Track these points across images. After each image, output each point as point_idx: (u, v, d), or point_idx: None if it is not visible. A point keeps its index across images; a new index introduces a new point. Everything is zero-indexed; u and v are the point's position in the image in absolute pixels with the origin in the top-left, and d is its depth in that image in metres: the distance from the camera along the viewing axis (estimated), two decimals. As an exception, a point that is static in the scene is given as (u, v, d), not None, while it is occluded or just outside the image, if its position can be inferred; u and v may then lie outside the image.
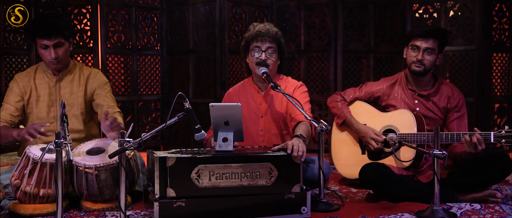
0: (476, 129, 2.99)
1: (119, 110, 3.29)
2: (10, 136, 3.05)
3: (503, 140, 2.91)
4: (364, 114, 3.47)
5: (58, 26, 3.15)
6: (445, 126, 3.35)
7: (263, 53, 3.15)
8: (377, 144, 3.28)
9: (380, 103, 3.50)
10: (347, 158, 3.51)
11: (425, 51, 3.24)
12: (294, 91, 3.22)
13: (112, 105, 3.27)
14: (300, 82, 3.30)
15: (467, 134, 2.99)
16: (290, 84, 3.27)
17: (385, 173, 3.12)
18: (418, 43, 3.26)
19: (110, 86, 3.42)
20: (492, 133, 2.95)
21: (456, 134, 3.05)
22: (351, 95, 3.56)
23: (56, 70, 3.28)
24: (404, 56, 3.38)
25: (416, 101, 3.36)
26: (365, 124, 3.40)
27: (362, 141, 3.43)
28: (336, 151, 3.60)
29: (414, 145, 3.10)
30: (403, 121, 3.26)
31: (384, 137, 3.27)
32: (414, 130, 3.19)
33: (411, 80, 3.39)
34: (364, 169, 3.15)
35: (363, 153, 3.43)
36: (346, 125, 3.50)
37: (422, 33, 3.26)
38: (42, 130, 2.83)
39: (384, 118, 3.37)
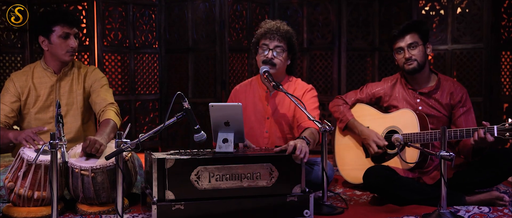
0: (484, 122, 2.98)
1: (112, 102, 3.28)
2: (6, 137, 3.05)
3: (507, 134, 2.90)
4: (366, 117, 3.48)
5: (78, 18, 3.17)
6: (452, 123, 3.34)
7: (270, 51, 3.15)
8: (377, 148, 3.29)
9: (382, 104, 3.51)
10: (351, 163, 3.52)
11: (409, 48, 3.28)
12: (303, 95, 3.21)
13: (105, 99, 3.28)
14: (310, 86, 3.28)
15: (477, 128, 2.98)
16: (299, 87, 3.26)
17: (390, 176, 3.12)
18: (399, 44, 3.31)
19: (107, 81, 3.42)
20: (495, 126, 2.94)
21: (459, 130, 3.05)
22: (352, 98, 3.57)
23: (65, 63, 3.27)
24: (395, 57, 3.39)
25: (418, 100, 3.36)
26: (368, 127, 3.40)
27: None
28: (340, 156, 3.60)
29: (418, 145, 3.09)
30: (405, 121, 3.27)
31: (386, 142, 3.28)
32: (417, 129, 3.20)
33: (409, 80, 3.41)
34: (368, 173, 3.15)
35: (367, 156, 3.43)
36: (349, 129, 3.50)
37: (398, 34, 3.32)
38: (41, 143, 2.86)
39: (387, 119, 3.38)
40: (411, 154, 3.21)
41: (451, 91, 3.33)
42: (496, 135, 2.92)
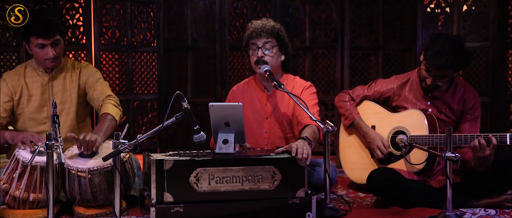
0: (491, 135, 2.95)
1: (110, 94, 3.26)
2: (2, 137, 3.05)
3: None
4: (372, 115, 3.45)
5: (55, 24, 3.16)
6: (456, 128, 3.32)
7: (259, 50, 3.15)
8: (381, 155, 3.27)
9: (390, 104, 3.48)
10: (356, 162, 3.50)
11: (444, 78, 3.21)
12: (302, 92, 3.21)
13: (103, 92, 3.26)
14: (309, 83, 3.29)
15: (481, 135, 2.96)
16: (298, 85, 3.26)
17: (394, 179, 3.11)
18: (445, 73, 3.18)
19: (101, 74, 3.41)
20: (508, 134, 2.93)
21: (467, 135, 3.01)
22: (360, 94, 3.53)
23: (50, 69, 3.27)
24: (421, 68, 3.28)
25: (429, 102, 3.33)
26: (374, 126, 3.39)
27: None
28: (344, 154, 3.58)
29: (425, 147, 3.08)
30: (413, 122, 3.24)
31: (390, 150, 3.27)
32: (425, 131, 3.17)
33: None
34: (373, 176, 3.14)
35: (372, 156, 3.42)
36: (354, 127, 3.48)
37: (453, 69, 3.21)
38: (39, 144, 2.84)
39: (394, 119, 3.35)
40: (418, 157, 3.19)
41: (464, 97, 3.29)
42: (508, 143, 2.89)
